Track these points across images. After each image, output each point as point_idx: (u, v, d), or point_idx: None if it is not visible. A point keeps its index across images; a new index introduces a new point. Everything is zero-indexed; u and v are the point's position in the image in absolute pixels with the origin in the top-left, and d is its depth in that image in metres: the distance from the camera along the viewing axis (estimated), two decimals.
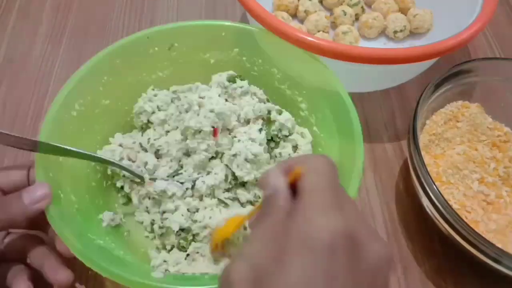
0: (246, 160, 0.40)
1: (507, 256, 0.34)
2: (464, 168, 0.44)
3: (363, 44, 0.58)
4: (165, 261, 0.38)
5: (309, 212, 0.22)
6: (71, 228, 0.34)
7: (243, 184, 0.42)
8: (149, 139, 0.42)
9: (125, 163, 0.41)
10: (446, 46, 0.44)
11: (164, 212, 0.40)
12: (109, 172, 0.42)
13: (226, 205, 0.41)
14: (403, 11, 0.60)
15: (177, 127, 0.42)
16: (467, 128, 0.47)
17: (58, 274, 0.34)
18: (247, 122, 0.43)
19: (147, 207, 0.41)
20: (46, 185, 0.34)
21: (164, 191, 0.39)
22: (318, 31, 0.56)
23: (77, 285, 0.40)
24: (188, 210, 0.39)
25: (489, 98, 0.48)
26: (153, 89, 0.45)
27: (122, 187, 0.42)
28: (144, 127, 0.44)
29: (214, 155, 0.42)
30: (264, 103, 0.44)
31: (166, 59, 0.46)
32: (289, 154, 0.43)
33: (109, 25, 0.61)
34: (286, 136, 0.44)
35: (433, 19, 0.58)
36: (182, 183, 0.40)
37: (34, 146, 0.34)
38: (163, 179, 0.40)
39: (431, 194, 0.38)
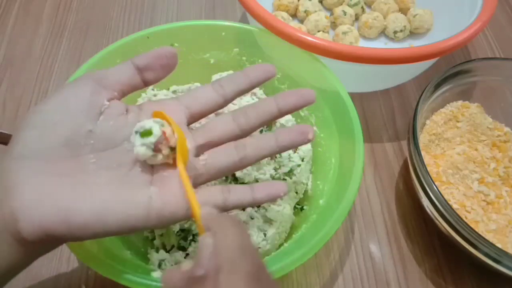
0: None
1: (507, 256, 0.34)
2: (464, 168, 0.44)
3: (363, 44, 0.58)
4: (164, 261, 0.38)
5: None
6: None
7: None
8: None
9: None
10: (446, 46, 0.44)
11: None
12: None
13: None
14: (403, 11, 0.60)
15: None
16: (467, 128, 0.47)
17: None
18: None
19: None
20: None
21: None
22: (318, 31, 0.56)
23: (77, 285, 0.40)
24: None
25: (489, 98, 0.48)
26: (152, 89, 0.45)
27: None
28: None
29: None
30: None
31: None
32: (289, 155, 0.43)
33: (109, 25, 0.61)
34: None
35: (433, 19, 0.58)
36: None
37: None
38: None
39: (431, 194, 0.38)
